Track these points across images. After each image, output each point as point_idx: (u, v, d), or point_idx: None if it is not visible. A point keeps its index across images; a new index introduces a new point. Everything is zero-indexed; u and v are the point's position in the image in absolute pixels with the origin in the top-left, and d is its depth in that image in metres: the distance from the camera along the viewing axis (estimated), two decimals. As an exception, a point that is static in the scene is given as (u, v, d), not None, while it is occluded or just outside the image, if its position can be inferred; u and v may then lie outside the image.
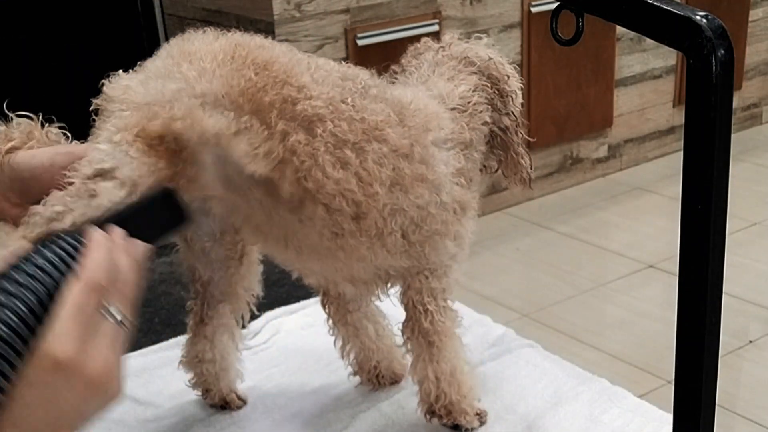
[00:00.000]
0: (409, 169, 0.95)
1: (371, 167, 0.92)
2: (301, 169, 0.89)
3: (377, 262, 1.00)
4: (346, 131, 0.91)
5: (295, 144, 0.88)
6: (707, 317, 0.77)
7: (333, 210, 0.92)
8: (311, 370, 1.27)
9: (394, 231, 0.97)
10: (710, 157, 0.72)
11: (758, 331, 2.84)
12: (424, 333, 1.05)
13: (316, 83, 0.91)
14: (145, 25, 3.54)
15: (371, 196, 0.93)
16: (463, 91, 1.04)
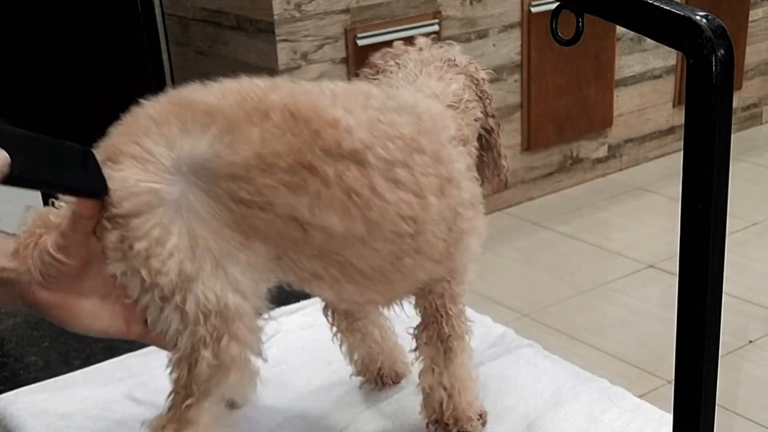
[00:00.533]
0: (444, 171, 0.94)
1: (421, 180, 0.90)
2: (362, 203, 0.86)
3: (423, 276, 0.98)
4: (393, 150, 0.88)
5: (352, 181, 0.84)
6: (707, 317, 0.77)
7: (396, 233, 0.89)
8: (311, 370, 1.27)
9: (439, 239, 0.95)
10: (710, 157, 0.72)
11: (758, 331, 2.84)
12: (444, 338, 1.03)
13: (348, 112, 0.87)
14: (145, 25, 3.54)
15: (426, 209, 0.91)
16: (455, 89, 1.03)
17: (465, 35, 3.49)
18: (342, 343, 1.18)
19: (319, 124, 0.83)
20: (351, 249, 0.89)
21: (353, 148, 0.84)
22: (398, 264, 0.92)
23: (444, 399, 1.06)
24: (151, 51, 3.58)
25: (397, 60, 1.07)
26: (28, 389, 1.20)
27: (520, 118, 3.75)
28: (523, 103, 3.73)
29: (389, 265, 0.92)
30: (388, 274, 0.93)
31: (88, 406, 1.19)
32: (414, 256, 0.92)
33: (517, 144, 3.79)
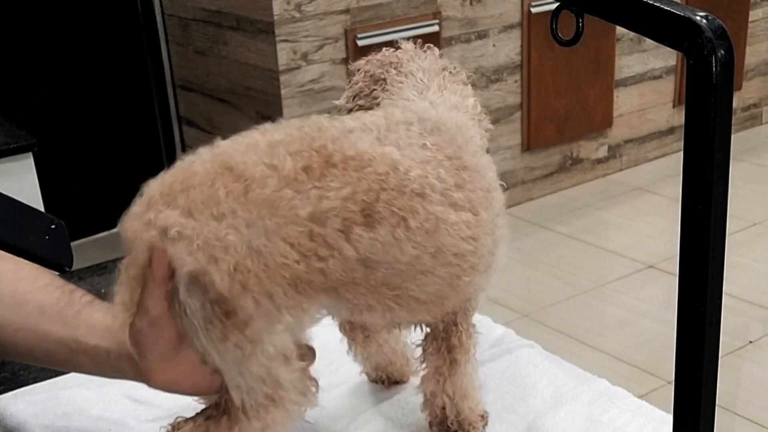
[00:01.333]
0: (486, 183, 0.93)
1: (472, 197, 0.89)
2: (429, 235, 0.84)
3: (471, 291, 0.96)
4: (445, 175, 0.86)
5: (417, 216, 0.82)
6: (707, 317, 0.77)
7: (458, 255, 0.88)
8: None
9: (489, 252, 0.93)
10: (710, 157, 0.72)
11: (758, 331, 2.85)
12: (451, 349, 1.03)
13: (400, 148, 0.84)
14: (145, 25, 3.54)
15: (481, 225, 0.89)
16: (473, 102, 1.04)
17: (465, 35, 3.49)
18: (356, 355, 1.17)
19: (382, 170, 0.80)
20: (413, 280, 0.86)
21: (413, 186, 0.82)
22: (455, 284, 0.90)
23: (447, 404, 1.06)
24: (151, 51, 3.58)
25: (398, 68, 1.04)
26: (28, 389, 1.20)
27: (520, 118, 3.75)
28: (523, 103, 3.73)
29: (447, 287, 0.90)
30: (444, 296, 0.91)
31: (88, 406, 1.19)
32: (470, 273, 0.90)
33: (517, 144, 3.79)
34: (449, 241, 0.86)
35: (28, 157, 2.24)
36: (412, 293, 0.88)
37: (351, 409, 1.18)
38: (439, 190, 0.85)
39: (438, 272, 0.87)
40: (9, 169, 2.23)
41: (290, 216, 0.75)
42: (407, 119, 0.89)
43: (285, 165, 0.76)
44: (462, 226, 0.86)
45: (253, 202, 0.74)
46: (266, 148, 0.77)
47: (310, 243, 0.76)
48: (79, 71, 3.42)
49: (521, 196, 3.88)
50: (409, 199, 0.81)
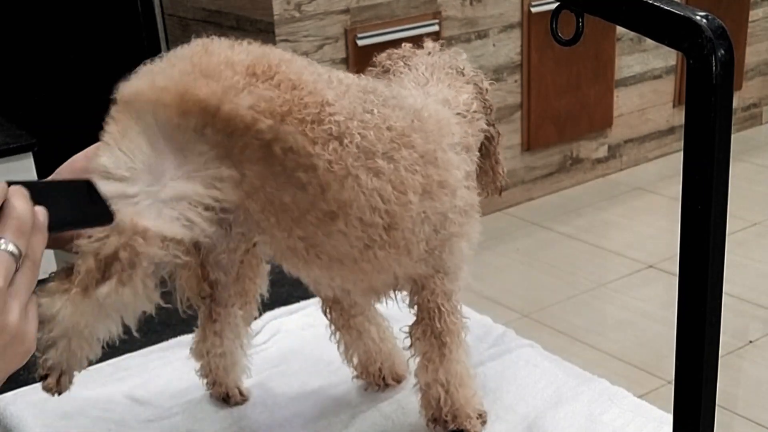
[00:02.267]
0: (436, 174, 0.96)
1: (404, 175, 0.93)
2: (336, 182, 0.90)
3: (400, 271, 1.00)
4: (375, 141, 0.92)
5: (326, 156, 0.89)
6: (707, 317, 0.77)
7: (366, 222, 0.92)
8: (311, 370, 1.27)
9: (420, 240, 0.97)
10: (710, 157, 0.72)
11: (758, 331, 2.84)
12: (438, 333, 1.05)
13: (339, 98, 0.92)
14: (145, 25, 3.54)
15: (404, 206, 0.94)
16: (465, 99, 1.06)
17: (465, 35, 3.49)
18: (339, 342, 1.18)
19: (309, 99, 0.89)
20: (318, 225, 0.92)
21: (330, 127, 0.90)
22: (368, 253, 0.95)
23: (441, 395, 1.07)
24: (151, 51, 3.57)
25: (407, 62, 1.10)
26: (28, 389, 1.20)
27: (520, 118, 3.75)
28: (523, 103, 3.73)
29: (358, 253, 0.94)
30: (357, 262, 0.96)
31: (88, 406, 1.19)
32: (387, 249, 0.95)
33: (517, 144, 3.79)
34: (357, 200, 0.91)
35: (28, 157, 2.24)
36: (323, 244, 0.93)
37: (351, 408, 1.18)
38: (359, 146, 0.91)
39: (342, 227, 0.92)
40: (9, 169, 2.23)
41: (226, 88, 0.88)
42: (369, 88, 0.97)
43: (237, 67, 0.89)
44: (377, 195, 0.91)
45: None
46: (244, 49, 0.92)
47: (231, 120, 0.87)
48: (79, 71, 3.42)
49: (521, 196, 3.88)
50: (324, 132, 0.89)
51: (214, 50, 0.91)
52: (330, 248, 0.94)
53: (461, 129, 1.03)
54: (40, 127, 2.71)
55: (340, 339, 1.18)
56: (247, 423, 1.16)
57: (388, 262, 0.97)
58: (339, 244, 0.94)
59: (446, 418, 1.08)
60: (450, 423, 1.09)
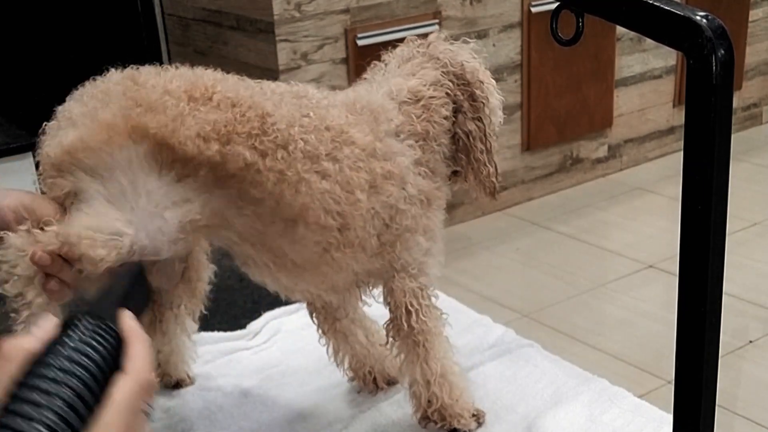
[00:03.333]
0: (378, 167, 0.97)
1: (349, 174, 0.95)
2: (289, 189, 0.91)
3: (357, 267, 1.01)
4: (317, 144, 0.93)
5: (276, 166, 0.91)
6: (707, 317, 0.77)
7: (322, 225, 0.94)
8: (311, 370, 1.27)
9: (372, 235, 0.98)
10: (710, 157, 0.72)
11: (758, 331, 2.84)
12: (408, 333, 1.05)
13: (277, 107, 0.94)
14: (145, 25, 3.54)
15: (353, 205, 0.95)
16: (413, 85, 1.04)
17: (465, 35, 3.49)
18: (327, 347, 1.18)
19: (249, 114, 0.91)
20: (278, 236, 0.94)
21: (275, 137, 0.91)
22: (326, 256, 0.96)
23: (423, 393, 1.07)
24: (151, 51, 3.58)
25: (390, 55, 1.11)
26: (28, 389, 1.19)
27: (520, 118, 3.75)
28: (523, 103, 3.73)
29: (317, 258, 0.96)
30: (318, 265, 0.97)
31: (88, 406, 1.19)
32: (343, 249, 0.97)
33: (517, 144, 3.79)
34: (312, 205, 0.92)
35: (28, 157, 2.24)
36: (286, 252, 0.95)
37: (351, 408, 1.18)
38: (303, 150, 0.92)
39: (300, 234, 0.93)
40: (9, 169, 2.23)
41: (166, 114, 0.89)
42: (301, 93, 0.99)
43: (176, 94, 0.91)
44: (327, 197, 0.93)
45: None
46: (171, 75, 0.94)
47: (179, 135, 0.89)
48: (79, 71, 3.42)
49: (521, 196, 3.88)
50: (270, 142, 0.91)
51: (146, 81, 0.91)
52: (294, 255, 0.96)
53: (404, 116, 1.02)
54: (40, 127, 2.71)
55: (328, 343, 1.18)
56: (247, 423, 1.16)
57: (345, 262, 0.98)
58: (301, 250, 0.95)
59: (433, 417, 1.08)
60: (438, 422, 1.08)
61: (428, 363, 1.05)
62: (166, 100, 0.89)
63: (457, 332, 1.12)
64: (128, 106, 0.88)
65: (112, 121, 0.87)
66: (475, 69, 1.08)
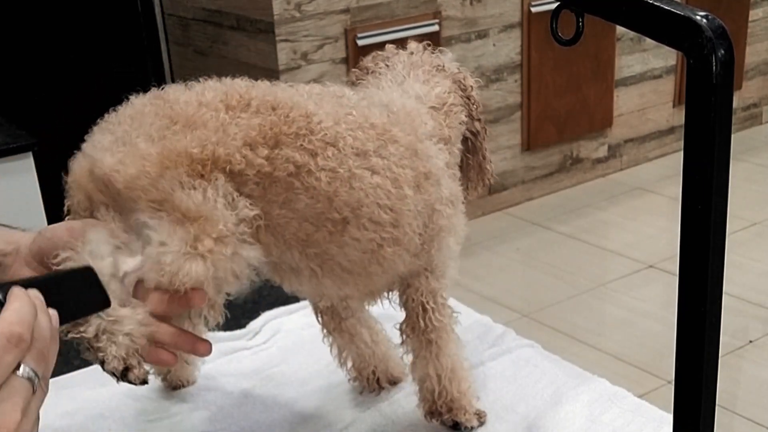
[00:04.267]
0: (421, 165, 0.97)
1: (396, 171, 0.94)
2: (343, 186, 0.90)
3: (401, 269, 1.01)
4: (365, 140, 0.92)
5: (326, 165, 0.89)
6: (707, 317, 0.77)
7: (376, 221, 0.93)
8: (311, 370, 1.27)
9: (416, 233, 0.98)
10: (710, 157, 0.72)
11: (758, 331, 2.85)
12: (424, 331, 1.06)
13: (319, 106, 0.92)
14: (145, 25, 3.54)
15: (403, 200, 0.94)
16: (439, 92, 1.07)
17: (465, 35, 3.49)
18: (332, 346, 1.19)
19: (293, 114, 0.89)
20: (332, 238, 0.92)
21: (324, 134, 0.90)
22: (377, 255, 0.95)
23: (435, 388, 1.09)
24: (151, 51, 3.58)
25: (386, 62, 1.11)
26: (28, 389, 1.20)
27: (520, 118, 3.75)
28: (523, 103, 3.73)
29: (369, 256, 0.95)
30: (367, 266, 0.96)
31: (88, 405, 1.19)
32: (393, 246, 0.96)
33: (517, 144, 3.79)
34: (365, 200, 0.91)
35: (28, 157, 2.24)
36: (334, 255, 0.93)
37: (351, 408, 1.18)
38: (353, 147, 0.91)
39: (355, 234, 0.92)
40: (9, 169, 2.23)
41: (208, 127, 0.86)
42: (343, 93, 0.98)
43: (213, 105, 0.88)
44: (380, 192, 0.92)
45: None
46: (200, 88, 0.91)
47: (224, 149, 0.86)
48: (79, 71, 3.42)
49: (521, 196, 3.88)
50: (319, 141, 0.89)
51: (177, 98, 0.89)
52: (342, 258, 0.94)
53: (434, 121, 1.04)
54: (40, 127, 2.72)
55: (333, 342, 1.18)
56: (247, 423, 1.16)
57: (394, 261, 0.97)
58: (352, 252, 0.94)
59: (441, 410, 1.10)
60: (445, 414, 1.10)
61: (440, 359, 1.07)
62: (203, 113, 0.87)
63: (457, 332, 1.13)
64: (164, 125, 0.85)
65: (148, 151, 0.84)
66: (465, 75, 1.13)
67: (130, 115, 0.89)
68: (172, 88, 0.91)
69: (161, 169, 0.83)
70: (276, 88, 0.93)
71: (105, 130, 0.90)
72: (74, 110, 3.51)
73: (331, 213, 0.90)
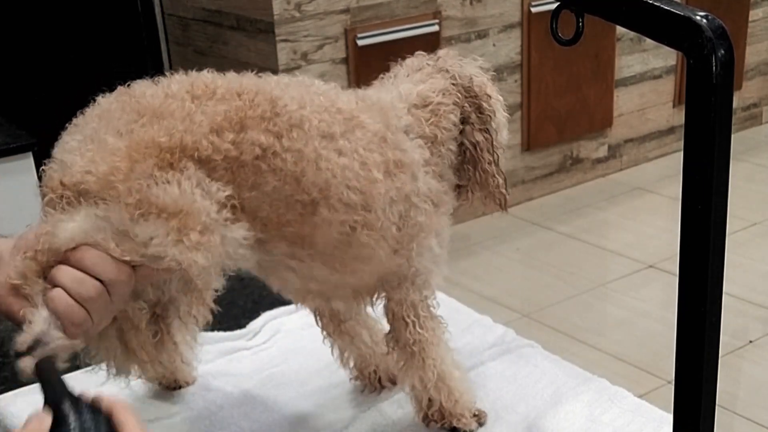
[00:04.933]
0: (390, 153, 0.98)
1: (364, 154, 0.95)
2: (309, 166, 0.91)
3: (382, 258, 1.00)
4: (331, 123, 0.94)
5: (294, 148, 0.90)
6: (707, 317, 0.77)
7: (345, 202, 0.93)
8: (311, 370, 1.27)
9: (392, 223, 0.98)
10: (710, 157, 0.72)
11: (758, 331, 2.84)
12: (405, 343, 1.07)
13: (284, 91, 0.94)
14: (145, 25, 3.54)
15: (373, 183, 0.95)
16: (422, 90, 1.06)
17: (465, 35, 3.49)
18: (333, 347, 1.18)
19: (258, 99, 0.91)
20: (303, 220, 0.92)
21: (289, 117, 0.91)
22: (353, 238, 0.95)
23: (423, 397, 1.09)
24: (151, 51, 3.58)
25: (403, 65, 1.13)
26: (28, 389, 1.20)
27: (520, 118, 3.75)
28: (523, 103, 3.73)
29: (345, 239, 0.95)
30: (346, 251, 0.96)
31: (88, 406, 1.19)
32: (368, 230, 0.96)
33: (517, 144, 3.79)
34: (333, 181, 0.92)
35: (28, 157, 2.24)
36: (307, 236, 0.93)
37: (351, 408, 1.18)
38: (318, 129, 0.92)
39: (325, 215, 0.93)
40: (9, 169, 2.23)
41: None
42: (307, 82, 1.00)
43: (180, 95, 0.90)
44: (348, 173, 0.93)
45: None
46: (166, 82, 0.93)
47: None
48: (79, 71, 3.42)
49: (521, 196, 3.88)
50: (284, 123, 0.91)
51: (143, 92, 0.90)
52: (319, 240, 0.95)
53: (413, 117, 1.04)
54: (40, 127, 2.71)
55: (334, 344, 1.18)
56: (247, 423, 1.16)
57: (372, 249, 0.98)
58: (327, 233, 0.94)
59: (434, 417, 1.10)
60: (438, 422, 1.10)
61: (424, 371, 1.07)
62: (170, 104, 0.88)
63: (457, 332, 1.13)
64: (132, 119, 0.86)
65: (120, 144, 0.84)
66: (483, 83, 1.10)
67: (97, 114, 0.91)
68: (139, 84, 0.92)
69: (131, 163, 0.83)
70: (242, 77, 0.95)
71: (73, 132, 0.91)
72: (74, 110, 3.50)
73: (300, 194, 0.91)
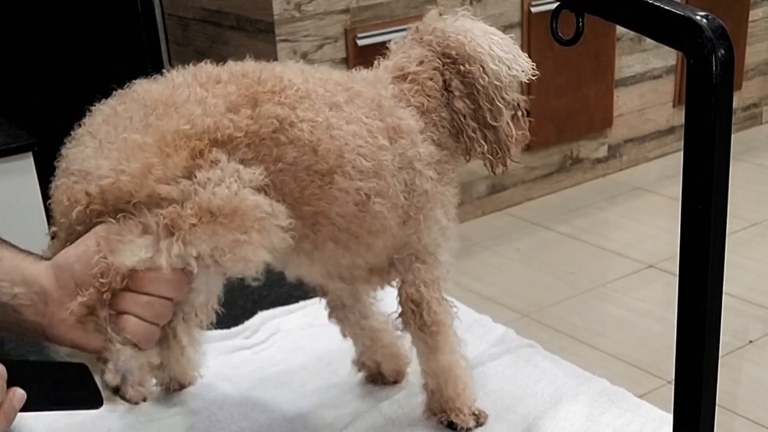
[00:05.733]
0: (389, 119, 0.99)
1: (368, 121, 0.97)
2: (323, 134, 0.92)
3: (392, 231, 1.00)
4: (334, 93, 0.96)
5: (308, 117, 0.92)
6: (707, 317, 0.77)
7: (358, 168, 0.94)
8: (311, 370, 1.27)
9: (400, 190, 0.99)
10: (710, 157, 0.72)
11: (758, 331, 2.84)
12: (420, 325, 1.06)
13: (284, 71, 0.96)
14: (145, 25, 3.54)
15: (380, 149, 0.96)
16: (398, 60, 1.09)
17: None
18: (344, 331, 1.19)
19: (264, 76, 0.93)
20: (321, 193, 0.93)
21: (296, 89, 0.93)
22: (367, 207, 0.96)
23: (431, 385, 1.10)
24: (151, 51, 3.58)
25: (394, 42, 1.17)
26: (28, 389, 1.20)
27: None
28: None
29: (360, 210, 0.95)
30: (360, 223, 0.96)
31: (88, 406, 1.19)
32: (379, 198, 0.96)
33: (517, 144, 3.79)
34: (345, 148, 0.93)
35: (28, 157, 2.24)
36: (325, 211, 0.94)
37: (351, 408, 1.18)
38: (324, 98, 0.95)
39: (341, 184, 0.93)
40: (9, 169, 2.23)
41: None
42: (302, 66, 1.01)
43: (183, 83, 0.91)
44: (358, 140, 0.94)
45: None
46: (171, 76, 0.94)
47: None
48: (79, 71, 3.42)
49: (521, 196, 3.88)
50: (293, 94, 0.93)
51: (147, 89, 0.90)
52: (335, 215, 0.95)
53: (396, 87, 1.05)
54: (40, 127, 2.71)
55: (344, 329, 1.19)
56: (247, 423, 1.16)
57: (385, 217, 0.98)
58: (343, 205, 0.95)
59: (433, 408, 1.10)
60: (439, 413, 1.10)
61: (436, 355, 1.07)
62: (180, 92, 0.88)
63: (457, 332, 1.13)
64: (145, 114, 0.86)
65: (147, 139, 0.83)
66: (461, 44, 1.09)
67: (102, 120, 0.89)
68: (138, 84, 0.93)
69: (164, 158, 0.82)
70: (242, 63, 0.97)
71: (81, 141, 0.89)
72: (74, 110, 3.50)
73: (318, 164, 0.92)
